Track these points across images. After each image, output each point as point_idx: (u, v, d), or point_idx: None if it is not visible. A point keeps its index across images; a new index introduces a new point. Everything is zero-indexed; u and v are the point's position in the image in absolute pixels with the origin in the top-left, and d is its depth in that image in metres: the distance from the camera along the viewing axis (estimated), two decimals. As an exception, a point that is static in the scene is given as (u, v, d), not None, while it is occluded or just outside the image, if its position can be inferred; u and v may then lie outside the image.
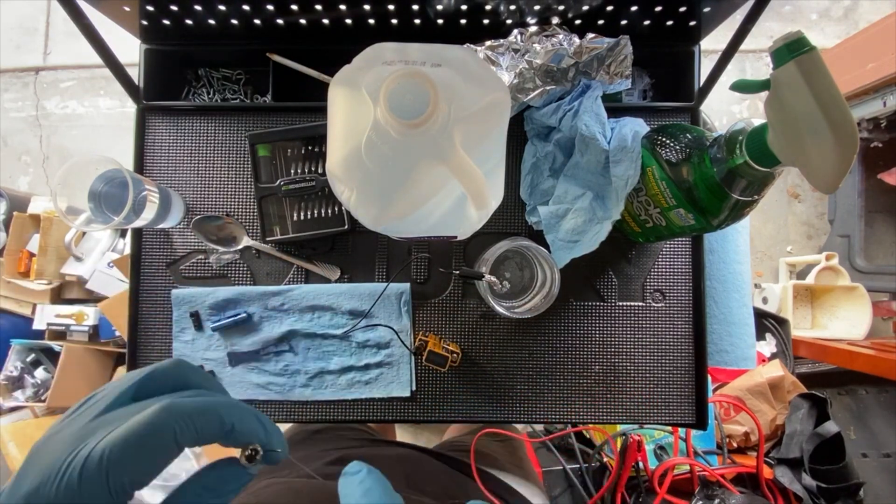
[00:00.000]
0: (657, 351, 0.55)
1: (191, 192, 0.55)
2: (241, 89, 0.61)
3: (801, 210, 1.72)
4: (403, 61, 0.33)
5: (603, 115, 0.49)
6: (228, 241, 0.54)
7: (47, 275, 1.38)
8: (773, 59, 0.31)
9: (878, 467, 1.15)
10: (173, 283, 0.55)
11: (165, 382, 0.23)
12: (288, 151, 0.53)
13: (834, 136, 0.29)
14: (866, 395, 1.28)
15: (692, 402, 0.55)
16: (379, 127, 0.31)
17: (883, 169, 1.46)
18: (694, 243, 0.55)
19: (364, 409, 0.55)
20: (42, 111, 1.83)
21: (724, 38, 0.49)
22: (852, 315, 1.45)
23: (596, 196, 0.49)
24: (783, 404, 1.06)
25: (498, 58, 0.50)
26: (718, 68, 0.51)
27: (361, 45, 0.34)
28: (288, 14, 0.51)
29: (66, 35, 1.84)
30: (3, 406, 1.39)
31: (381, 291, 0.53)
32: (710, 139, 0.39)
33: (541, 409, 0.54)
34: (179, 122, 0.55)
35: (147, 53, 0.56)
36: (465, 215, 0.39)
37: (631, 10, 0.50)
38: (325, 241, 0.55)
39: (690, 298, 0.55)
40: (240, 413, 0.22)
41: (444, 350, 0.51)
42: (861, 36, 1.40)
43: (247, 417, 0.23)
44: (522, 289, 0.51)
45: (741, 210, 0.39)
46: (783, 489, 0.87)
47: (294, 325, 0.53)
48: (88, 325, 1.38)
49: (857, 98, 1.39)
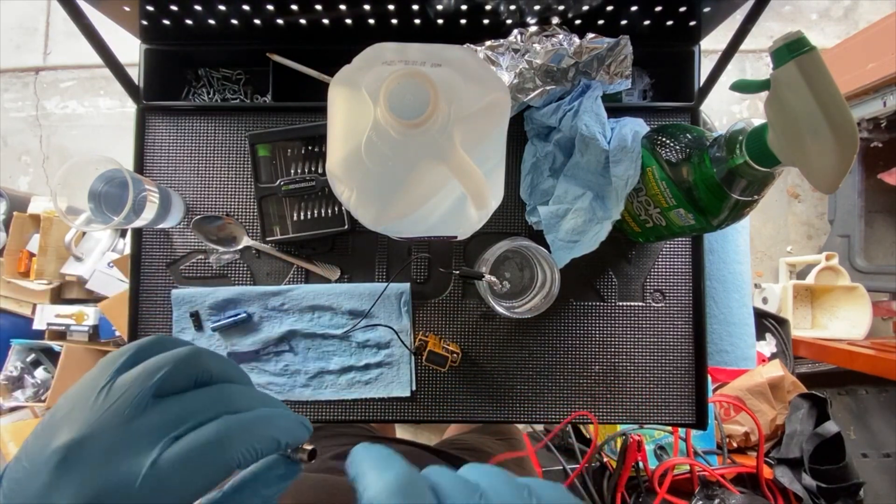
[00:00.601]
0: (657, 351, 0.55)
1: (191, 192, 0.55)
2: (241, 89, 0.61)
3: (801, 210, 1.72)
4: (403, 61, 0.33)
5: (603, 115, 0.49)
6: (228, 241, 0.54)
7: (47, 275, 1.38)
8: (773, 59, 0.31)
9: (878, 467, 1.15)
10: (173, 283, 0.55)
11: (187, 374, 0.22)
12: (288, 151, 0.53)
13: (834, 136, 0.29)
14: (866, 395, 1.28)
15: (692, 402, 0.55)
16: (379, 127, 0.31)
17: (883, 169, 1.46)
18: (694, 243, 0.55)
19: (364, 409, 0.55)
20: (42, 111, 1.83)
21: (724, 38, 0.49)
22: (852, 315, 1.45)
23: (596, 196, 0.49)
24: (783, 404, 1.06)
25: (498, 58, 0.50)
26: (718, 68, 0.51)
27: (361, 45, 0.34)
28: (288, 14, 0.51)
29: (66, 35, 1.84)
30: (3, 406, 1.39)
31: (381, 291, 0.53)
32: (710, 139, 0.39)
33: (541, 409, 0.54)
34: (179, 122, 0.55)
35: (147, 53, 0.56)
36: (465, 215, 0.39)
37: (631, 10, 0.50)
38: (325, 241, 0.55)
39: (690, 298, 0.55)
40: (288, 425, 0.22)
41: (444, 350, 0.51)
42: (861, 36, 1.40)
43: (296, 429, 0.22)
44: (522, 289, 0.51)
45: (741, 210, 0.39)
46: (783, 489, 0.87)
47: (294, 325, 0.53)
48: (88, 325, 1.38)
49: (857, 98, 1.39)
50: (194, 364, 0.22)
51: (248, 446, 0.20)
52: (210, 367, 0.22)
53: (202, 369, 0.22)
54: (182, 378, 0.21)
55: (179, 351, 0.22)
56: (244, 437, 0.20)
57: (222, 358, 0.24)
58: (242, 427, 0.20)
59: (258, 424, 0.21)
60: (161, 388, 0.20)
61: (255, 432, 0.20)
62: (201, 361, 0.22)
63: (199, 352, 0.22)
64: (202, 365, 0.22)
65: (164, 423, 0.19)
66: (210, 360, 0.22)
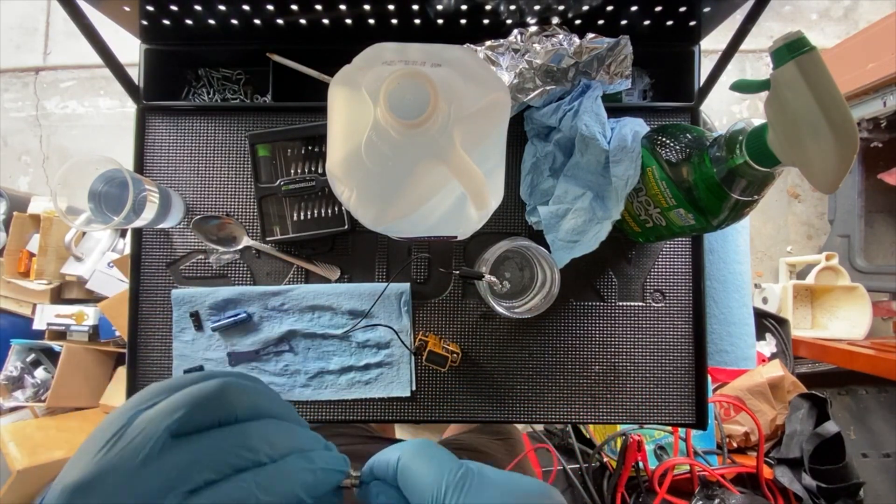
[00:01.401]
0: (657, 351, 0.55)
1: (191, 192, 0.55)
2: (241, 89, 0.61)
3: (801, 210, 1.72)
4: (403, 61, 0.33)
5: (603, 115, 0.49)
6: (228, 241, 0.54)
7: (47, 275, 1.38)
8: (773, 59, 0.31)
9: (878, 467, 1.15)
10: (173, 283, 0.55)
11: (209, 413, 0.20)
12: (288, 151, 0.53)
13: (834, 136, 0.29)
14: (866, 395, 1.28)
15: (692, 402, 0.55)
16: (379, 127, 0.31)
17: (883, 169, 1.46)
18: (694, 243, 0.55)
19: (364, 409, 0.55)
20: (42, 111, 1.83)
21: (724, 38, 0.49)
22: (852, 315, 1.45)
23: (596, 196, 0.49)
24: (783, 404, 1.06)
25: (498, 58, 0.50)
26: (718, 68, 0.51)
27: (361, 45, 0.34)
28: (288, 14, 0.51)
29: (66, 35, 1.85)
30: (3, 406, 1.39)
31: (381, 291, 0.53)
32: (710, 139, 0.39)
33: (541, 409, 0.54)
34: (179, 122, 0.55)
35: (147, 53, 0.56)
36: (465, 215, 0.39)
37: (631, 10, 0.50)
38: (325, 241, 0.55)
39: (690, 298, 0.55)
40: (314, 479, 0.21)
41: (444, 350, 0.51)
42: (861, 36, 1.40)
43: (326, 478, 0.22)
44: (522, 289, 0.51)
45: (741, 210, 0.39)
46: (783, 489, 0.87)
47: (294, 325, 0.53)
48: (88, 325, 1.38)
49: (857, 98, 1.39)
50: (217, 402, 0.21)
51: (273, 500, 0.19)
52: (235, 404, 0.21)
53: (227, 408, 0.21)
54: (204, 417, 0.20)
55: (203, 386, 0.21)
56: (261, 499, 0.19)
57: (254, 389, 0.22)
58: (261, 488, 0.19)
59: (278, 481, 0.20)
60: (180, 428, 0.19)
61: (274, 491, 0.20)
62: (226, 398, 0.21)
63: (225, 388, 0.21)
64: (227, 402, 0.21)
65: (177, 473, 0.18)
66: (237, 394, 0.21)
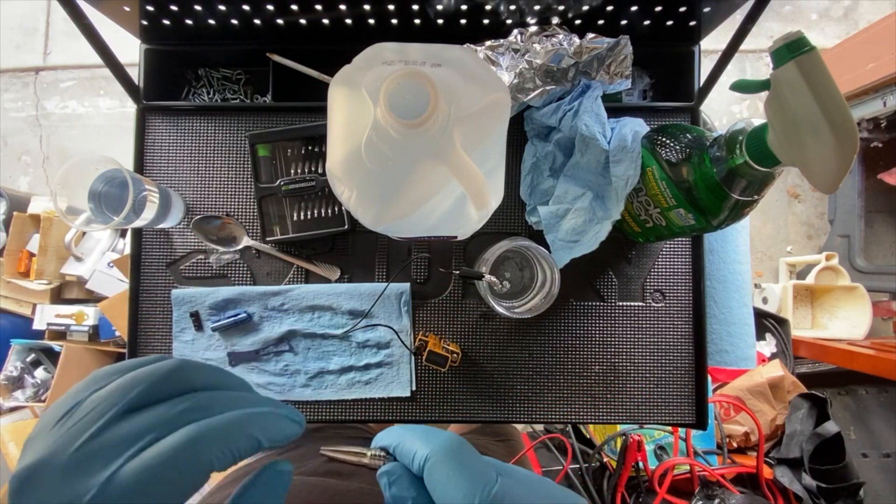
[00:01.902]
0: (657, 351, 0.55)
1: (191, 192, 0.55)
2: (241, 89, 0.61)
3: (801, 210, 1.72)
4: (403, 61, 0.33)
5: (603, 115, 0.49)
6: (228, 241, 0.54)
7: (47, 275, 1.38)
8: (773, 59, 0.31)
9: (878, 467, 1.15)
10: (173, 283, 0.55)
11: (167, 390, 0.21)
12: (288, 151, 0.53)
13: (834, 136, 0.29)
14: (866, 395, 1.28)
15: (692, 402, 0.55)
16: (379, 127, 0.31)
17: (883, 169, 1.46)
18: (694, 243, 0.55)
19: (364, 409, 0.55)
20: (42, 111, 1.83)
21: (724, 38, 0.49)
22: (852, 315, 1.45)
23: (596, 196, 0.49)
24: (783, 404, 1.06)
25: (498, 58, 0.50)
26: (718, 68, 0.51)
27: (361, 45, 0.34)
28: (288, 14, 0.51)
29: (66, 35, 1.85)
30: (3, 406, 1.39)
31: (381, 291, 0.53)
32: (710, 139, 0.39)
33: (541, 409, 0.54)
34: (179, 122, 0.55)
35: (147, 53, 0.56)
36: (465, 215, 0.39)
37: (631, 10, 0.50)
38: (325, 241, 0.55)
39: (690, 298, 0.55)
40: (269, 423, 0.21)
41: (444, 350, 0.51)
42: (861, 36, 1.40)
43: (281, 426, 0.22)
44: (522, 289, 0.51)
45: (741, 210, 0.39)
46: (783, 489, 0.87)
47: (294, 325, 0.53)
48: (88, 325, 1.38)
49: (857, 98, 1.39)
50: (175, 379, 0.21)
51: (223, 448, 0.19)
52: (194, 380, 0.21)
53: (185, 383, 0.21)
54: (162, 394, 0.20)
55: (160, 365, 0.21)
56: (216, 440, 0.19)
57: (213, 368, 0.23)
58: (213, 430, 0.19)
59: (232, 425, 0.20)
60: (136, 404, 0.19)
61: (228, 434, 0.20)
62: (184, 375, 0.21)
63: (182, 366, 0.21)
64: (185, 379, 0.21)
65: (129, 437, 0.19)
66: (195, 372, 0.22)
